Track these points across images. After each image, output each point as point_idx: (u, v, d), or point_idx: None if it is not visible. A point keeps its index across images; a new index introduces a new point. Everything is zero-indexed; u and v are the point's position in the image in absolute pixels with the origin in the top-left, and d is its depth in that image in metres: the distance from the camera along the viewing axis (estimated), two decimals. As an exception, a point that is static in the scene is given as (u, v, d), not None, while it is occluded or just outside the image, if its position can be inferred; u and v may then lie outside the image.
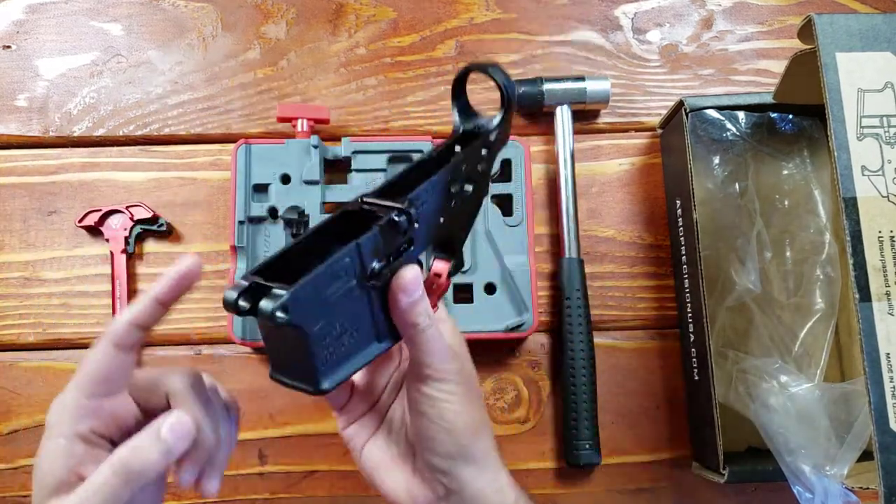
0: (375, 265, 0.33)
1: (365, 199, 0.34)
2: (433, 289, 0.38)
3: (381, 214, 0.33)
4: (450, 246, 0.40)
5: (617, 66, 0.64)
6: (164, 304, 0.35)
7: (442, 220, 0.37)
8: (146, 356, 0.58)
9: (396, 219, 0.33)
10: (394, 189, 0.35)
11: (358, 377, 0.42)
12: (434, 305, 0.38)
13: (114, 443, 0.35)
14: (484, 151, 0.38)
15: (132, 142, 0.62)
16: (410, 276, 0.35)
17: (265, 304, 0.29)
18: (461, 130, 0.39)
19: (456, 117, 0.39)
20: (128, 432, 0.35)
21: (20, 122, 0.61)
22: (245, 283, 0.30)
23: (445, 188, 0.36)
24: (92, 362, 0.35)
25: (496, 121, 0.37)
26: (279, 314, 0.29)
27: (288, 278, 0.30)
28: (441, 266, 0.40)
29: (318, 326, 0.32)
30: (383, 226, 0.33)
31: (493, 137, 0.38)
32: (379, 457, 0.40)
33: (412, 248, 0.35)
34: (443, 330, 0.37)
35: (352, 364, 0.35)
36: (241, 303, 0.30)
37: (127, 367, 0.36)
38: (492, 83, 0.35)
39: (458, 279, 0.57)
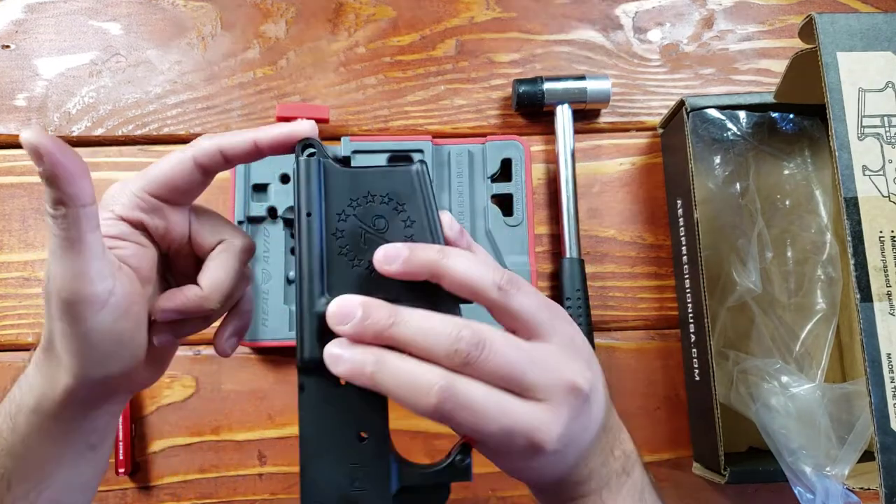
0: None
1: None
2: None
3: None
4: None
5: (617, 66, 0.64)
6: (259, 150, 0.33)
7: None
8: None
9: None
10: None
11: None
12: None
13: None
14: None
15: (131, 141, 0.62)
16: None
17: None
18: None
19: None
20: (169, 249, 0.34)
21: (19, 121, 0.61)
22: None
23: None
24: (166, 165, 0.33)
25: None
26: None
27: None
28: None
29: None
30: None
31: None
32: None
33: None
34: None
35: None
36: None
37: (197, 186, 0.34)
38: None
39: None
